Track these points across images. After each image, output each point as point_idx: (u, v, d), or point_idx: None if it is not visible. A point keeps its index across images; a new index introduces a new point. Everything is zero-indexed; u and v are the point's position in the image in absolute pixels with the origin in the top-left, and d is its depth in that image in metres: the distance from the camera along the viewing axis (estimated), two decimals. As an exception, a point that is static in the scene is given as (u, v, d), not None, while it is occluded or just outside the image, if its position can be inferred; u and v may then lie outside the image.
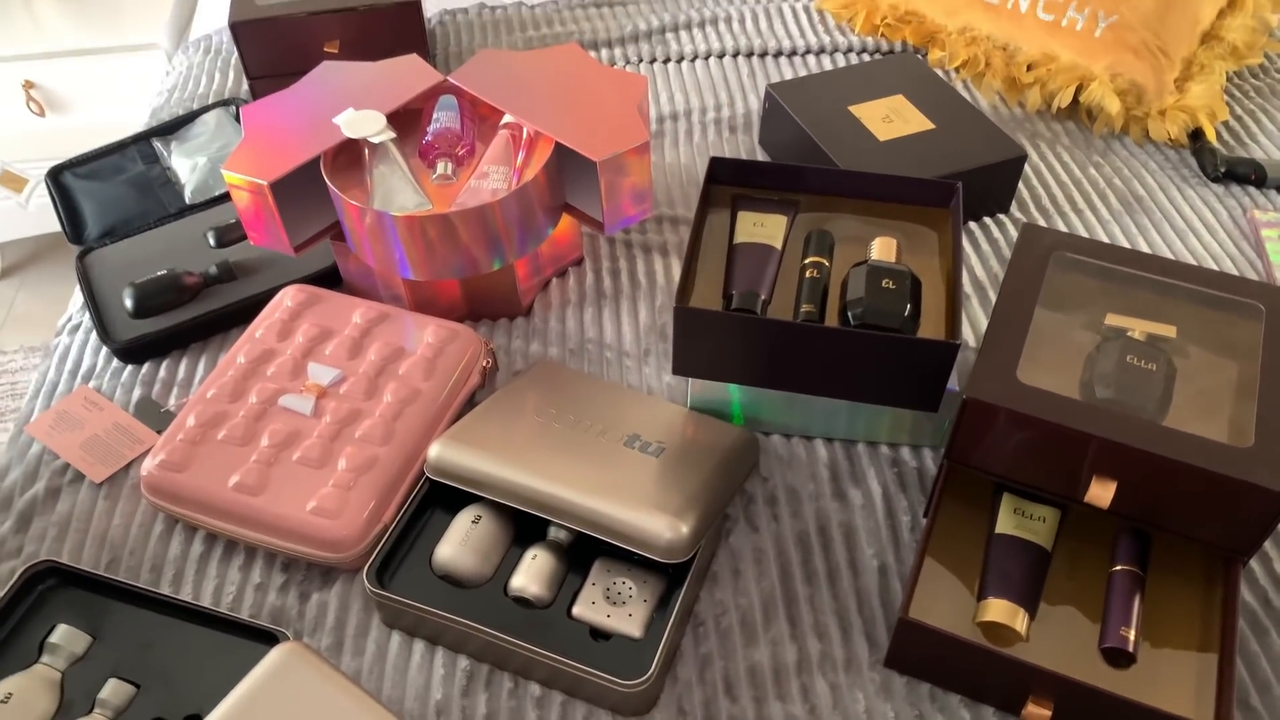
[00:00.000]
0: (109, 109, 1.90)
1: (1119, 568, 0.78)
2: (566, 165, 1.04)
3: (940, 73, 1.38)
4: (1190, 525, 0.75)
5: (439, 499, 0.87)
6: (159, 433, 0.97)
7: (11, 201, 2.02)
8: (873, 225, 0.95)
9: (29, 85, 1.87)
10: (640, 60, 1.44)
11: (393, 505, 0.86)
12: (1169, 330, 0.82)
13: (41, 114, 1.91)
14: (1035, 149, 1.27)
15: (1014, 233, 1.15)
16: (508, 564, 0.83)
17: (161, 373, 1.03)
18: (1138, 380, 0.78)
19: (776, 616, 0.82)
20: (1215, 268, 1.10)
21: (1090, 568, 0.80)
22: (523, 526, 0.85)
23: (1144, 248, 1.13)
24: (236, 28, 1.29)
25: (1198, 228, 1.15)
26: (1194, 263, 1.10)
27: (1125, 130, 1.29)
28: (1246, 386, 0.78)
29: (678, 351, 0.87)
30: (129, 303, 1.05)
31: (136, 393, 1.01)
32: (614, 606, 0.79)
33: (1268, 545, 0.86)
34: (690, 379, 0.93)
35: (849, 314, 0.84)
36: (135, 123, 1.73)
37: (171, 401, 1.00)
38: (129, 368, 1.04)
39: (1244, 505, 0.71)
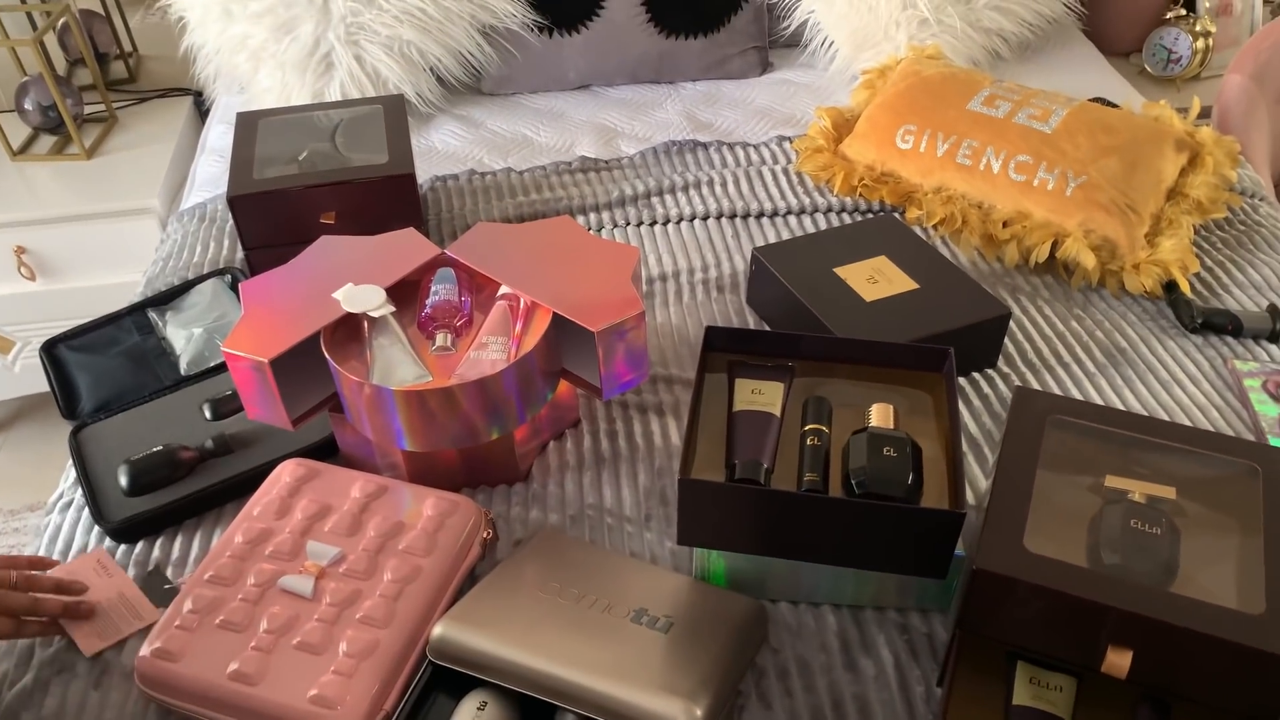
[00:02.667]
0: (101, 273, 1.92)
1: (1141, 738, 0.77)
2: (563, 332, 1.06)
3: (919, 230, 1.43)
4: (1209, 693, 0.74)
5: (442, 682, 0.85)
6: (161, 607, 0.94)
7: (-3, 364, 2.02)
8: (867, 389, 0.97)
9: (20, 250, 1.89)
10: (628, 223, 1.48)
11: (395, 691, 0.84)
12: (1169, 491, 0.83)
13: (32, 278, 1.92)
14: (1017, 303, 1.31)
15: (1003, 388, 1.16)
16: (515, 751, 0.80)
17: (156, 551, 1.01)
18: (1143, 544, 0.79)
19: (794, 799, 0.79)
20: (1203, 418, 1.12)
21: (1112, 738, 0.79)
22: (529, 710, 0.83)
23: (1131, 400, 1.15)
24: (235, 201, 1.32)
25: (1181, 379, 1.18)
26: (1182, 414, 1.13)
27: (1102, 283, 1.33)
28: (1248, 546, 0.79)
29: (683, 522, 0.87)
30: (124, 480, 1.04)
31: (132, 572, 0.99)
32: (627, 795, 0.77)
33: (1286, 707, 0.85)
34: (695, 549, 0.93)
35: (852, 482, 0.84)
36: (127, 287, 1.75)
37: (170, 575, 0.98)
38: (122, 547, 1.02)
39: (1261, 672, 0.71)
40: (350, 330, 1.05)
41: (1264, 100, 1.79)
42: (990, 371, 1.20)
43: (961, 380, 1.18)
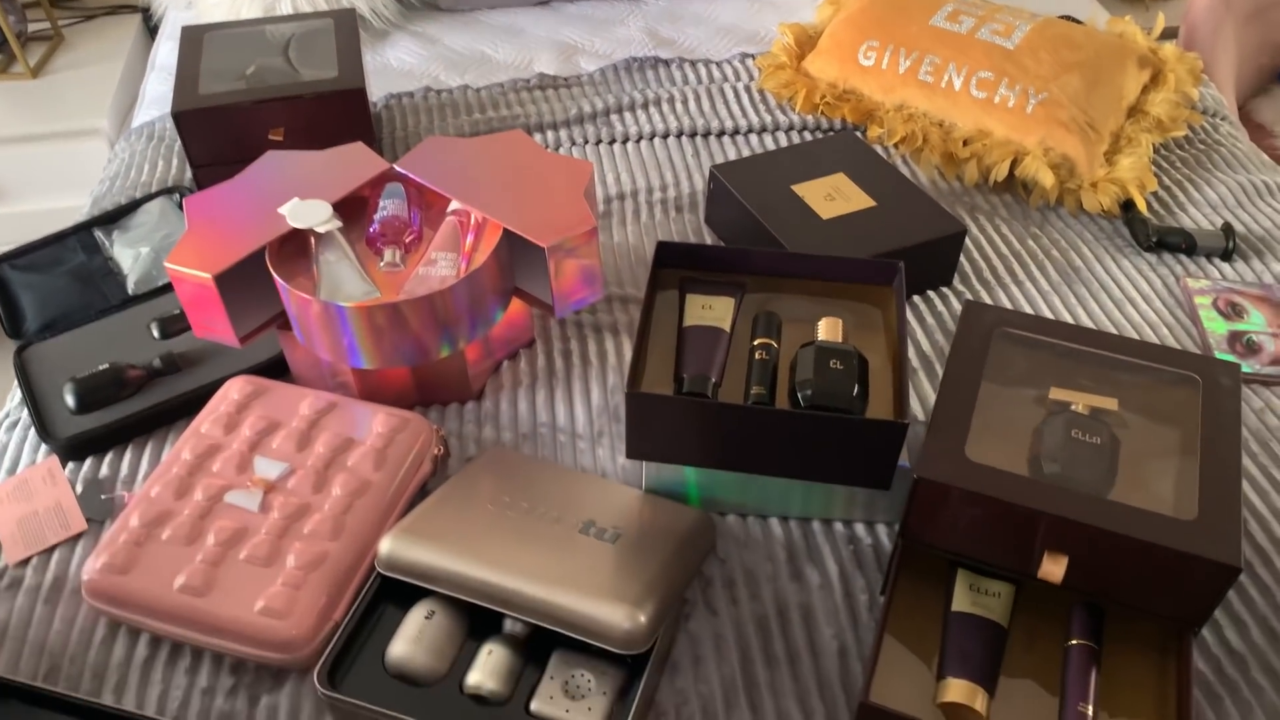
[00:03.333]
0: (50, 196, 1.88)
1: (1074, 642, 0.78)
2: (516, 250, 1.05)
3: (879, 149, 1.42)
4: (1141, 598, 0.76)
5: (391, 594, 0.85)
6: (92, 520, 0.95)
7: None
8: (818, 304, 0.96)
9: (-34, 173, 1.84)
10: (586, 142, 1.46)
11: (344, 603, 0.84)
12: (1111, 403, 0.84)
13: (-20, 201, 1.88)
14: (975, 222, 1.30)
15: (957, 306, 1.17)
16: (463, 659, 0.81)
17: (104, 469, 1.00)
18: (1083, 454, 0.80)
19: (738, 704, 0.81)
20: (1153, 336, 1.13)
21: (1047, 641, 0.80)
22: (478, 619, 0.84)
23: (1084, 318, 1.16)
24: (179, 117, 1.29)
25: (1134, 296, 1.19)
26: (1133, 331, 1.13)
27: (1060, 202, 1.33)
28: (1187, 456, 0.80)
29: (631, 436, 0.87)
30: (70, 399, 1.03)
31: (80, 488, 0.98)
32: (573, 700, 0.78)
33: (1219, 614, 0.87)
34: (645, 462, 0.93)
35: (799, 395, 0.85)
36: (76, 211, 1.72)
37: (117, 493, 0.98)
38: (69, 464, 1.01)
39: (1192, 577, 0.72)
40: (297, 246, 1.03)
41: (1231, 20, 1.78)
42: (946, 290, 1.20)
43: (917, 298, 1.18)
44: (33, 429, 1.05)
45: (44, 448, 1.03)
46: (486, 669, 0.79)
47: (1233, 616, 0.87)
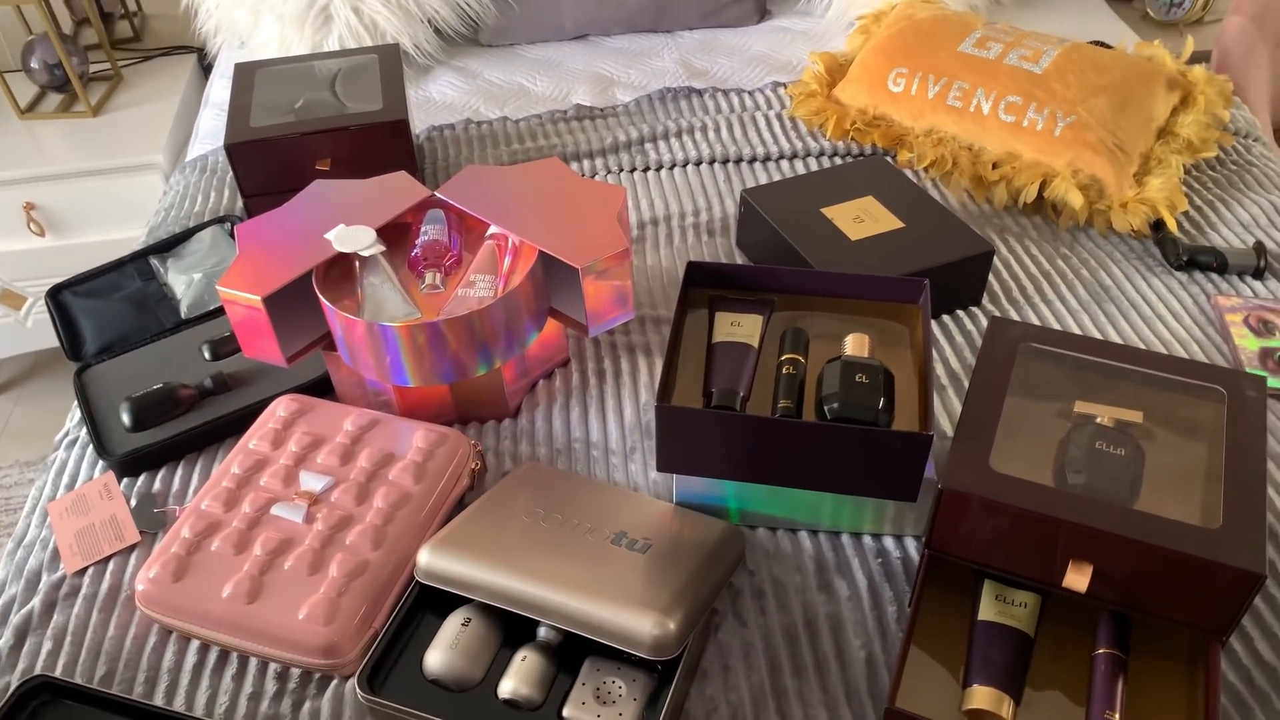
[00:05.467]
0: (108, 228, 1.95)
1: (1101, 651, 0.79)
2: (551, 272, 1.08)
3: (909, 173, 1.44)
4: (1167, 607, 0.76)
5: (429, 602, 0.88)
6: (145, 532, 0.99)
7: (10, 319, 2.06)
8: (846, 322, 0.98)
9: (29, 207, 1.92)
10: (620, 170, 1.49)
11: (384, 610, 0.87)
12: (1135, 415, 0.85)
13: (41, 234, 1.96)
14: (1004, 243, 1.32)
15: (986, 325, 1.18)
16: (498, 666, 0.83)
17: (157, 484, 1.04)
18: (1108, 465, 0.81)
19: (767, 711, 0.82)
20: (1184, 353, 1.13)
21: (1073, 651, 0.81)
22: (512, 627, 0.86)
23: (1113, 336, 1.17)
24: (232, 148, 1.34)
25: (1164, 315, 1.19)
26: (1163, 349, 1.14)
27: (1090, 223, 1.34)
28: (1213, 468, 0.81)
29: (661, 449, 0.89)
30: (126, 417, 1.07)
31: (134, 502, 1.02)
32: (604, 706, 0.80)
33: (1249, 624, 0.87)
34: (675, 475, 0.95)
35: (825, 408, 0.86)
36: (133, 241, 1.78)
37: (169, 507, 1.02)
38: (124, 480, 1.05)
39: (1217, 585, 0.73)
40: (343, 270, 1.07)
41: (1264, 42, 1.78)
42: (974, 309, 1.21)
43: (945, 317, 1.20)
44: (90, 446, 1.09)
45: (101, 464, 1.07)
46: (520, 675, 0.81)
47: (1264, 628, 0.87)
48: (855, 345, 0.92)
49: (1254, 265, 1.23)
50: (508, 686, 0.81)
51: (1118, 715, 0.75)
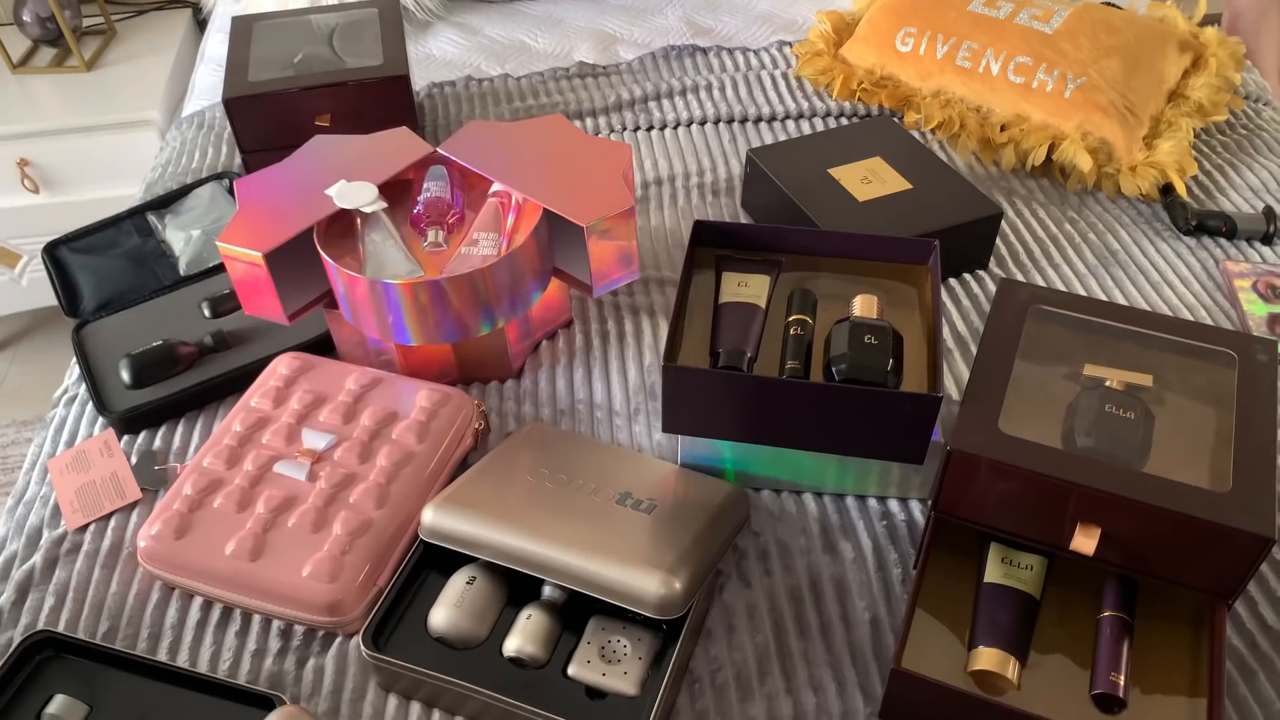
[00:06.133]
0: (103, 185, 1.93)
1: (1107, 613, 0.79)
2: (555, 231, 1.07)
3: (916, 134, 1.42)
4: (1173, 570, 0.76)
5: (433, 561, 0.88)
6: (146, 489, 0.98)
7: (5, 277, 2.04)
8: (854, 283, 0.97)
9: (23, 163, 1.90)
10: (624, 128, 1.48)
11: (388, 568, 0.87)
12: (1145, 379, 0.85)
13: (36, 191, 1.93)
14: (1012, 206, 1.30)
15: (993, 288, 1.17)
16: (503, 624, 0.83)
17: (157, 442, 1.04)
18: (1117, 428, 0.80)
19: (771, 671, 0.82)
20: (1191, 318, 1.13)
21: (1079, 614, 0.81)
22: (517, 586, 0.86)
23: (1121, 300, 1.16)
24: (230, 103, 1.32)
25: (1172, 279, 1.18)
26: (1171, 314, 1.13)
27: (1098, 186, 1.33)
28: (1223, 432, 0.80)
29: (667, 409, 0.89)
30: (125, 374, 1.06)
31: (134, 459, 1.02)
32: (609, 665, 0.80)
33: (1254, 589, 0.87)
34: (680, 436, 0.95)
35: (833, 369, 0.86)
36: (129, 199, 1.76)
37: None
38: (125, 438, 1.05)
39: (1224, 549, 0.73)
40: (344, 227, 1.06)
41: (1276, 6, 1.76)
42: (981, 272, 1.20)
43: (953, 280, 1.19)
44: (90, 403, 1.09)
45: (100, 421, 1.07)
46: (525, 634, 0.81)
47: (1268, 592, 0.87)
48: (864, 306, 0.91)
49: (1263, 230, 1.22)
50: (513, 645, 0.81)
51: (1123, 678, 0.75)
